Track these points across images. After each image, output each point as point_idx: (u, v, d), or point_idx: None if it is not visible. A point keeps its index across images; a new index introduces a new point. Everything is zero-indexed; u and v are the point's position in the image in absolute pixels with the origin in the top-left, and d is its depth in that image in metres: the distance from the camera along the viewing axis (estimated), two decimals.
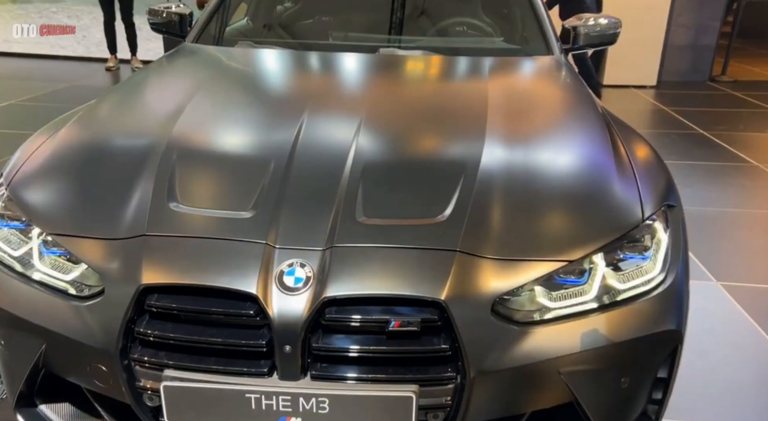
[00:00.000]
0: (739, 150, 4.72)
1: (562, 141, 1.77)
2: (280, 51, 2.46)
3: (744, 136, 5.19)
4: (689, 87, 7.15)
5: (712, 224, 3.42)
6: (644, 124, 5.87)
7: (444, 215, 1.39)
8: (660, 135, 5.25)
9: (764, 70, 8.27)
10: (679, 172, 4.18)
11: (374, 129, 1.69)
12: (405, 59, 2.38)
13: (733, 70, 7.63)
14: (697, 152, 4.70)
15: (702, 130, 5.29)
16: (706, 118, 5.71)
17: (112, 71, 7.22)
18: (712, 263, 2.90)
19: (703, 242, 3.09)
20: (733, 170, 4.31)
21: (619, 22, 2.70)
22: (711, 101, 6.60)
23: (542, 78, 2.34)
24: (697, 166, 4.38)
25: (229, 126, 1.79)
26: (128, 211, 1.39)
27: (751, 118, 5.80)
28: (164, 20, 2.71)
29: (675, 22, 7.13)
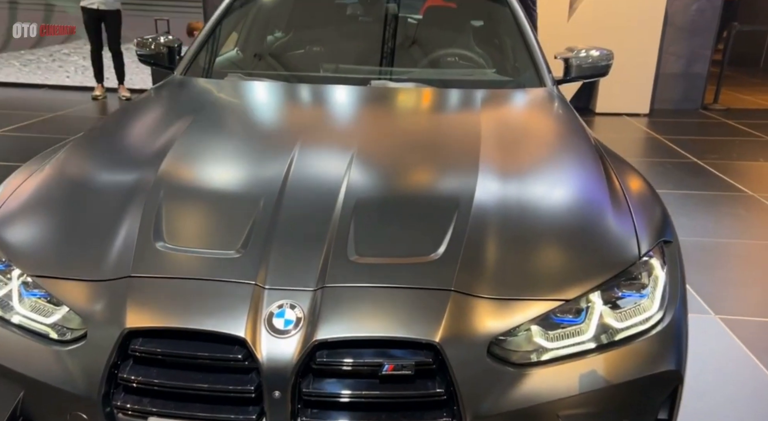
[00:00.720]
0: (734, 179, 4.76)
1: (557, 175, 1.77)
2: (271, 83, 2.48)
3: (738, 165, 5.25)
4: (682, 115, 7.25)
5: (708, 254, 3.43)
6: (638, 153, 5.93)
7: (438, 252, 1.38)
8: (654, 164, 5.30)
9: (756, 99, 8.40)
10: (675, 202, 4.23)
11: (366, 164, 1.70)
12: (397, 92, 2.40)
13: (725, 98, 7.75)
14: (692, 181, 4.74)
15: (696, 158, 5.34)
16: (699, 146, 5.78)
17: (99, 100, 7.24)
18: (710, 296, 2.89)
19: (700, 274, 3.10)
20: (728, 200, 4.34)
21: (611, 54, 2.74)
22: (704, 129, 6.69)
23: (535, 111, 2.36)
24: (691, 196, 4.41)
25: (219, 162, 1.79)
26: (113, 251, 1.38)
27: (744, 147, 5.87)
28: (152, 52, 2.72)
29: (666, 51, 7.26)
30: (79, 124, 6.23)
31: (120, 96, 7.29)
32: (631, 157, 5.65)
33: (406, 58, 2.77)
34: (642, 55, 6.96)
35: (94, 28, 6.92)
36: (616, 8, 6.77)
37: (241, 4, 2.97)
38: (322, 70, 2.70)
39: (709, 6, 7.14)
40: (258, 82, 2.50)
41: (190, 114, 2.02)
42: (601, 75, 2.76)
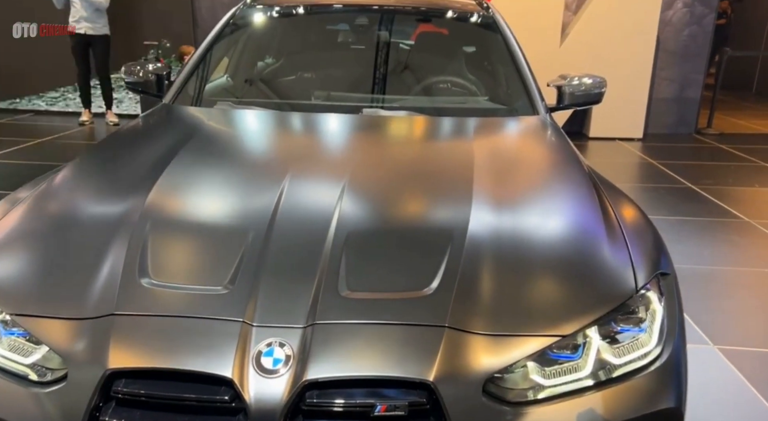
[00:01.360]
0: (729, 205, 4.79)
1: (551, 206, 1.78)
2: (261, 112, 2.48)
3: (733, 191, 5.28)
4: (676, 140, 7.31)
5: (705, 282, 3.43)
6: (632, 178, 5.97)
7: (431, 287, 1.37)
8: (649, 189, 5.33)
9: (749, 123, 8.49)
10: (670, 228, 4.24)
11: (358, 195, 1.69)
12: (389, 120, 2.41)
13: (718, 123, 7.83)
14: (687, 207, 4.76)
15: (690, 184, 5.37)
16: (694, 171, 5.82)
17: (86, 126, 7.23)
18: (708, 325, 2.89)
19: (698, 302, 3.09)
20: (724, 226, 4.36)
21: (604, 82, 2.76)
22: (698, 154, 6.75)
23: (528, 140, 2.37)
24: (687, 222, 4.42)
25: (207, 193, 1.78)
26: (96, 287, 1.36)
27: (739, 172, 5.91)
28: (140, 79, 2.72)
29: (659, 76, 7.35)
30: (65, 151, 6.22)
31: (107, 121, 7.29)
32: (626, 183, 5.72)
33: (398, 86, 2.79)
34: (635, 80, 7.04)
35: (82, 53, 6.94)
36: (609, 33, 6.87)
37: (231, 31, 2.99)
38: (314, 98, 2.70)
39: (700, 31, 7.26)
40: (248, 110, 2.49)
41: (178, 144, 2.01)
42: (594, 102, 2.78)
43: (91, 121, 7.35)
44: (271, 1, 3.13)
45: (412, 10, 3.11)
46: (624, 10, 6.80)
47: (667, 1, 7.08)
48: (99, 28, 6.84)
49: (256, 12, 3.05)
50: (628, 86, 6.91)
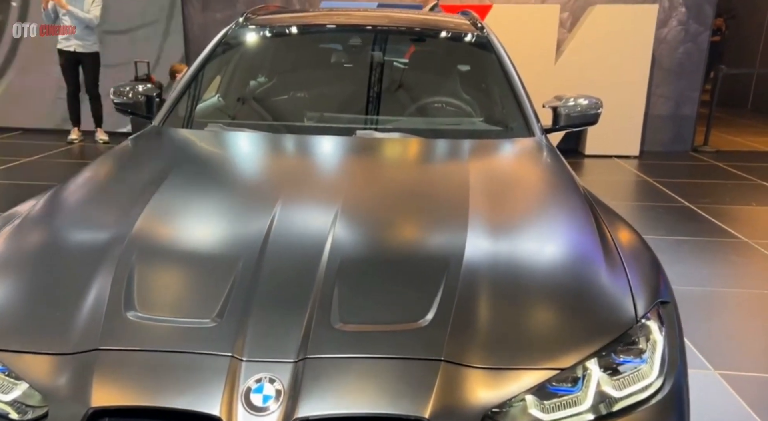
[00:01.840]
0: (727, 224, 4.79)
1: (548, 233, 1.76)
2: (253, 134, 2.45)
3: (730, 210, 5.29)
4: (672, 157, 7.35)
5: (704, 304, 3.42)
6: (629, 197, 5.98)
7: (426, 318, 1.35)
8: (646, 208, 5.34)
9: (745, 140, 8.55)
10: (668, 248, 4.24)
11: (351, 222, 1.67)
12: (383, 143, 2.39)
13: (714, 140, 7.87)
14: (684, 227, 4.77)
15: (688, 202, 5.38)
16: (690, 190, 5.83)
17: (75, 144, 7.21)
18: (709, 350, 2.87)
19: (697, 325, 3.08)
20: (722, 246, 4.36)
21: (600, 103, 2.77)
22: (695, 172, 6.77)
23: (524, 163, 2.36)
24: (684, 242, 4.42)
25: (196, 220, 1.75)
26: (79, 321, 1.33)
27: (736, 191, 5.93)
28: (129, 101, 2.71)
29: (654, 93, 7.40)
30: (53, 171, 6.19)
31: (97, 140, 7.28)
32: (622, 201, 5.74)
33: (391, 107, 2.78)
34: (631, 97, 7.08)
35: (71, 71, 6.94)
36: (604, 51, 6.92)
37: (223, 51, 2.98)
38: (306, 120, 2.70)
39: (695, 49, 7.32)
40: (239, 133, 2.47)
41: (167, 169, 1.99)
42: (590, 123, 2.78)
43: (81, 140, 7.33)
44: (264, 21, 3.14)
45: (406, 30, 3.12)
46: (619, 28, 6.86)
47: (662, 19, 7.15)
48: (89, 45, 6.85)
49: (248, 32, 3.05)
50: (623, 104, 6.95)
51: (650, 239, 1.89)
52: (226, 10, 7.65)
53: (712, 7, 7.23)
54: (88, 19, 6.74)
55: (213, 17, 7.69)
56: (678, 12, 7.22)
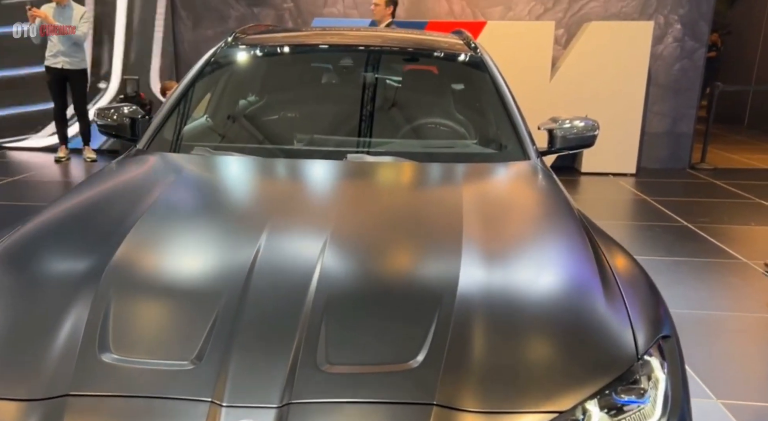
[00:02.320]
0: (726, 244, 4.77)
1: (545, 264, 1.72)
2: (240, 159, 2.41)
3: (729, 230, 5.27)
4: (669, 175, 7.34)
5: (705, 329, 3.38)
6: (626, 216, 5.96)
7: (417, 359, 1.30)
8: (643, 227, 5.31)
9: (742, 157, 8.57)
10: (666, 270, 4.20)
11: (340, 253, 1.63)
12: (374, 167, 2.36)
13: (712, 157, 7.88)
14: (683, 247, 4.73)
15: (686, 221, 5.36)
16: (688, 208, 5.81)
17: (62, 162, 7.15)
18: (710, 378, 2.82)
19: (699, 352, 3.03)
20: (721, 267, 4.33)
21: (596, 124, 2.74)
22: (692, 190, 6.76)
23: (520, 188, 2.32)
24: (683, 263, 4.39)
25: (177, 253, 1.70)
26: (50, 364, 1.27)
27: (734, 210, 5.92)
28: (113, 122, 2.66)
29: (651, 110, 7.42)
30: (38, 190, 6.13)
31: (85, 158, 7.22)
32: (620, 221, 5.71)
33: (383, 129, 2.75)
34: (627, 114, 7.09)
35: (58, 88, 6.90)
36: (600, 67, 6.93)
37: (211, 70, 2.95)
38: (296, 142, 2.66)
39: (691, 66, 7.35)
40: (226, 157, 2.43)
41: (149, 196, 1.94)
42: (587, 146, 2.75)
43: (68, 158, 7.28)
44: (254, 40, 3.11)
45: (398, 50, 3.09)
46: (615, 44, 6.88)
47: (658, 35, 7.18)
48: (77, 62, 6.82)
49: (237, 51, 3.02)
50: (620, 121, 6.96)
51: (648, 260, 1.86)
52: (217, 27, 7.65)
53: (707, 24, 7.27)
54: (75, 36, 6.72)
55: (204, 34, 7.69)
56: (674, 29, 7.26)
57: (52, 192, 6.09)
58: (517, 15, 7.37)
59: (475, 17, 7.38)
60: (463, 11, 7.42)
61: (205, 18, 7.66)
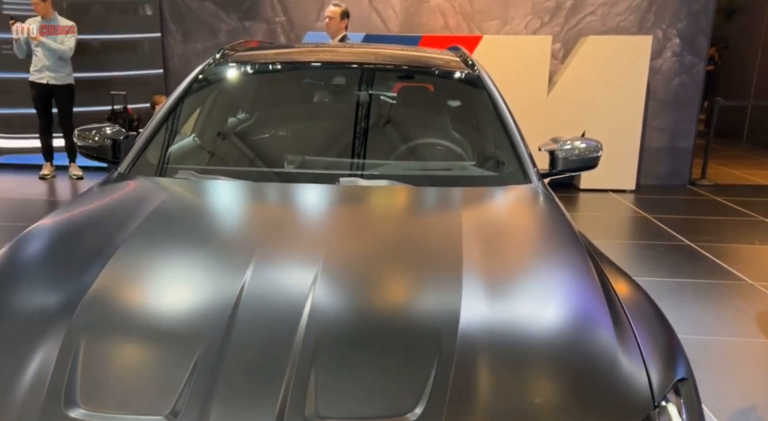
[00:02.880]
0: (730, 265, 4.69)
1: (551, 300, 1.63)
2: (226, 184, 2.31)
3: (733, 249, 5.20)
4: (669, 191, 7.28)
5: (713, 357, 3.29)
6: (627, 234, 5.88)
7: (416, 412, 1.21)
8: (645, 247, 5.23)
9: (743, 173, 8.53)
10: (670, 292, 4.12)
11: (331, 289, 1.54)
12: (368, 192, 2.27)
13: (712, 173, 7.84)
14: (686, 268, 4.66)
15: (688, 240, 5.29)
16: (690, 226, 5.75)
17: (47, 180, 7.04)
18: (722, 411, 2.73)
19: (707, 380, 2.94)
20: (727, 289, 4.25)
21: (600, 145, 2.67)
22: (694, 207, 6.70)
23: (521, 214, 2.24)
24: (687, 285, 4.31)
25: (156, 290, 1.60)
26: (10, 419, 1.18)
27: (737, 228, 5.85)
28: (95, 144, 2.57)
29: (650, 125, 7.37)
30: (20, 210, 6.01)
31: (71, 175, 7.12)
32: (620, 240, 5.64)
33: (378, 151, 2.66)
34: (626, 130, 7.04)
35: (43, 104, 6.81)
36: (598, 82, 6.89)
37: (197, 89, 2.87)
38: (287, 164, 2.57)
39: (690, 80, 7.32)
40: (212, 181, 2.33)
41: (128, 225, 1.85)
42: (589, 167, 2.68)
43: (53, 175, 7.17)
44: (242, 57, 3.03)
45: (393, 67, 3.02)
46: (613, 59, 6.84)
47: (656, 50, 7.15)
48: (62, 77, 6.74)
49: (225, 69, 2.94)
50: (618, 136, 6.90)
51: (650, 281, 1.80)
52: (207, 40, 7.58)
53: (706, 38, 7.25)
54: (61, 50, 6.64)
55: (194, 48, 7.62)
56: (672, 43, 7.23)
57: (34, 212, 5.98)
58: (513, 29, 7.34)
59: (470, 31, 7.34)
60: (459, 25, 7.38)
61: (195, 31, 7.59)
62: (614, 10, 7.21)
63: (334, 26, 5.91)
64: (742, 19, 12.09)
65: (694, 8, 7.14)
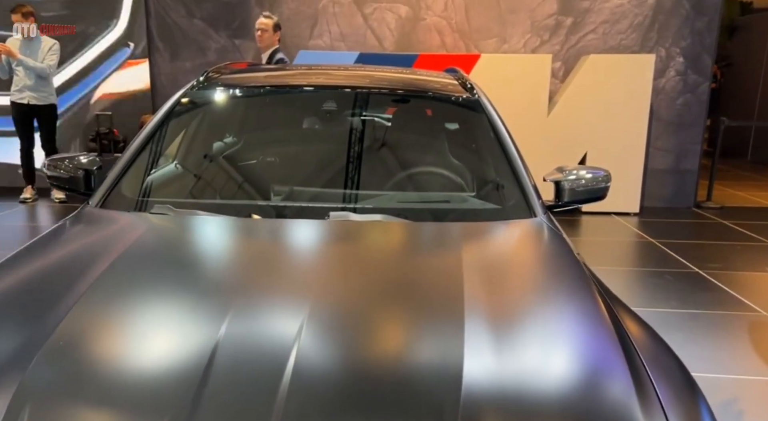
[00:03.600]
0: (742, 294, 4.55)
1: (564, 352, 1.49)
2: (206, 220, 2.16)
3: (744, 277, 5.07)
4: (674, 214, 7.17)
5: (733, 398, 3.13)
6: (632, 261, 5.75)
7: None
8: (653, 274, 5.09)
9: (749, 194, 8.43)
10: (681, 324, 3.98)
11: (318, 344, 1.39)
12: (360, 229, 2.12)
13: (718, 195, 7.73)
14: (696, 297, 4.52)
15: (697, 268, 5.16)
16: (698, 252, 5.62)
17: (28, 204, 6.88)
18: None
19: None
20: (741, 321, 4.10)
21: (608, 175, 2.54)
22: (700, 232, 6.58)
23: (527, 253, 2.09)
24: (699, 317, 4.16)
25: (120, 348, 1.45)
26: None
27: (747, 254, 5.73)
28: (65, 175, 2.42)
29: (654, 146, 7.28)
30: None
31: (53, 198, 6.97)
32: (625, 267, 5.50)
33: (371, 181, 2.52)
34: (629, 151, 6.94)
35: (24, 124, 6.68)
36: (599, 102, 6.80)
37: (178, 115, 2.73)
38: (273, 195, 2.43)
39: (695, 100, 7.24)
40: (189, 218, 2.18)
41: (95, 269, 1.70)
42: (598, 199, 2.55)
43: (35, 198, 7.01)
44: (227, 81, 2.90)
45: (388, 92, 2.89)
46: (615, 78, 6.76)
47: (660, 69, 7.08)
48: (44, 97, 6.61)
49: (207, 94, 2.81)
50: (622, 158, 6.81)
51: (660, 313, 1.68)
52: (196, 59, 7.48)
53: (711, 57, 7.18)
54: (41, 68, 6.52)
55: (182, 67, 7.52)
56: (675, 61, 7.16)
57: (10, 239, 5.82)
58: (512, 48, 7.26)
59: (468, 50, 7.26)
60: (456, 44, 7.30)
61: (184, 49, 7.50)
62: (616, 28, 7.15)
63: (266, 39, 5.70)
64: (744, 36, 12.08)
65: (697, 26, 7.08)
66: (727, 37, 12.08)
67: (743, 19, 12.24)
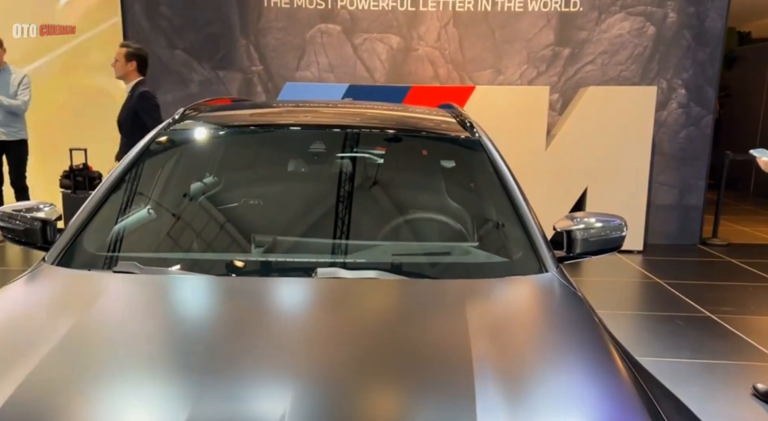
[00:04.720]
0: (759, 342, 4.37)
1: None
2: (175, 280, 1.97)
3: (759, 322, 4.90)
4: (680, 252, 7.02)
5: None
6: (639, 304, 5.58)
7: None
8: (662, 319, 4.91)
9: (755, 230, 8.31)
10: (698, 377, 3.79)
11: None
12: (352, 289, 1.92)
13: (724, 231, 7.60)
14: (711, 345, 4.33)
15: (707, 311, 4.98)
16: (707, 294, 5.45)
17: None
18: None
19: None
20: (758, 372, 3.91)
21: (624, 223, 2.37)
22: (708, 271, 6.42)
23: (539, 317, 1.91)
24: (714, 368, 3.98)
25: None
26: None
27: (759, 296, 5.57)
28: (20, 226, 2.22)
29: (656, 180, 7.15)
30: None
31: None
32: (631, 310, 5.31)
33: (363, 231, 2.34)
34: (631, 186, 6.81)
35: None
36: (599, 135, 6.69)
37: (152, 155, 2.55)
38: (254, 247, 2.24)
39: (698, 133, 7.15)
40: (156, 278, 1.98)
41: (45, 341, 1.51)
42: (614, 249, 2.37)
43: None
44: (206, 119, 2.73)
45: (380, 133, 2.72)
46: (615, 110, 6.66)
47: (661, 101, 6.99)
48: (14, 132, 6.42)
49: (184, 133, 2.64)
50: (623, 193, 6.69)
51: (675, 363, 1.55)
52: (177, 91, 7.33)
53: (714, 89, 7.12)
54: (15, 105, 6.34)
55: (162, 99, 7.34)
56: (677, 94, 7.08)
57: None
58: (507, 79, 7.16)
59: (462, 82, 7.16)
60: (450, 75, 7.20)
61: (165, 82, 7.34)
62: (615, 59, 7.08)
63: (119, 70, 5.31)
64: (743, 67, 12.12)
65: (699, 57, 7.02)
66: (726, 67, 12.11)
67: (742, 50, 12.29)
